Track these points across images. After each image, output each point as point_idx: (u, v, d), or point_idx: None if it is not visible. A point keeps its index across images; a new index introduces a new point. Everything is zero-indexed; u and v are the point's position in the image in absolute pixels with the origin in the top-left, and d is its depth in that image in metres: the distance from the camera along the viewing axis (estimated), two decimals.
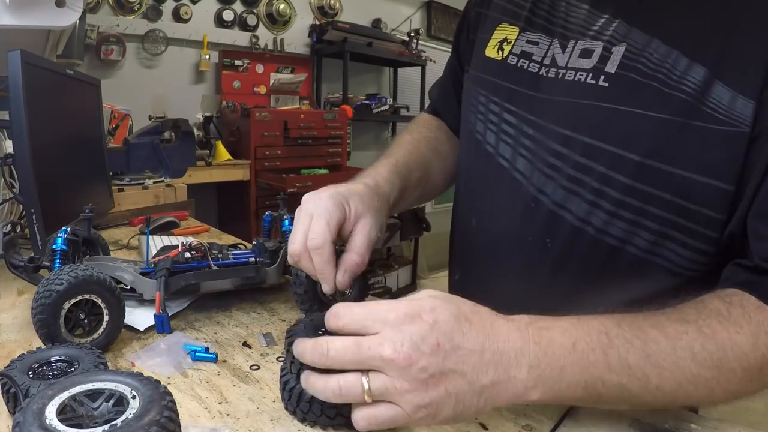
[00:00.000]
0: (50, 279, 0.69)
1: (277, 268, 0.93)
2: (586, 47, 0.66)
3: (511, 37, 0.76)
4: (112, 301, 0.73)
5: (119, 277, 0.86)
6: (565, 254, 0.68)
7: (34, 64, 0.98)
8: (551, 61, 0.70)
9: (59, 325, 0.68)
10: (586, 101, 0.64)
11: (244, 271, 0.89)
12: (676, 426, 0.60)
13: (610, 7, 0.65)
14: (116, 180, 1.94)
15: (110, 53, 3.06)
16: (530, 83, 0.71)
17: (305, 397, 0.57)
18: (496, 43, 0.77)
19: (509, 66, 0.74)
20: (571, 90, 0.66)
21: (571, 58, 0.67)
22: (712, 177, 0.56)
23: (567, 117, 0.66)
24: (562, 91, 0.67)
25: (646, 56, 0.60)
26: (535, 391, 0.47)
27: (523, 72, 0.72)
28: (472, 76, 0.83)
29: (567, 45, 0.69)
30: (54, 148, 1.11)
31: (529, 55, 0.73)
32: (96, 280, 0.71)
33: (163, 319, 0.79)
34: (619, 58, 0.62)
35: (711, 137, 0.55)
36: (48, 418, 0.43)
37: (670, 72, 0.58)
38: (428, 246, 5.26)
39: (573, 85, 0.66)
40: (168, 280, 0.84)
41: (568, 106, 0.66)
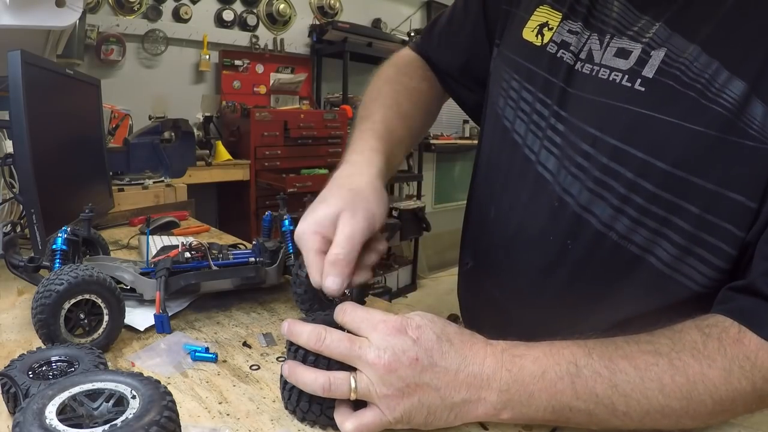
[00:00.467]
0: (50, 279, 0.69)
1: (277, 268, 0.93)
2: (623, 47, 0.63)
3: (552, 22, 0.71)
4: (112, 301, 0.73)
5: (119, 277, 0.86)
6: (585, 258, 0.66)
7: (34, 64, 0.98)
8: (587, 55, 0.67)
9: (59, 325, 0.68)
10: (618, 103, 0.62)
11: (244, 271, 0.89)
12: None
13: (652, 8, 0.62)
14: (116, 180, 1.94)
15: (110, 53, 3.06)
16: (565, 76, 0.68)
17: (305, 397, 0.57)
18: (535, 26, 0.73)
19: (548, 54, 0.70)
20: (605, 90, 0.63)
21: (606, 55, 0.65)
22: (739, 193, 0.55)
23: (598, 117, 0.64)
24: (594, 89, 0.65)
25: (686, 64, 0.58)
26: (505, 413, 0.50)
27: (561, 63, 0.69)
28: (505, 56, 0.78)
29: (604, 40, 0.66)
30: (54, 148, 1.11)
31: (567, 45, 0.69)
32: (96, 280, 0.71)
33: (163, 319, 0.79)
34: (658, 63, 0.60)
35: (742, 152, 0.54)
36: (48, 418, 0.43)
37: (709, 83, 0.56)
38: (428, 246, 5.26)
39: (607, 84, 0.63)
40: (168, 280, 0.84)
41: (600, 106, 0.64)
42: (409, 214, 4.35)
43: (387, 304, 1.01)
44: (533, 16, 0.74)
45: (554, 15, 0.72)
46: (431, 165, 5.31)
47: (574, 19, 0.70)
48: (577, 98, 0.67)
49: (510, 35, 0.78)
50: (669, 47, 0.59)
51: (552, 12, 0.72)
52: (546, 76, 0.70)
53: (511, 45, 0.77)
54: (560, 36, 0.70)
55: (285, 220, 0.95)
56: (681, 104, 0.57)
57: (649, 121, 0.59)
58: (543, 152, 0.70)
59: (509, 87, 0.75)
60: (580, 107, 0.66)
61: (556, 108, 0.69)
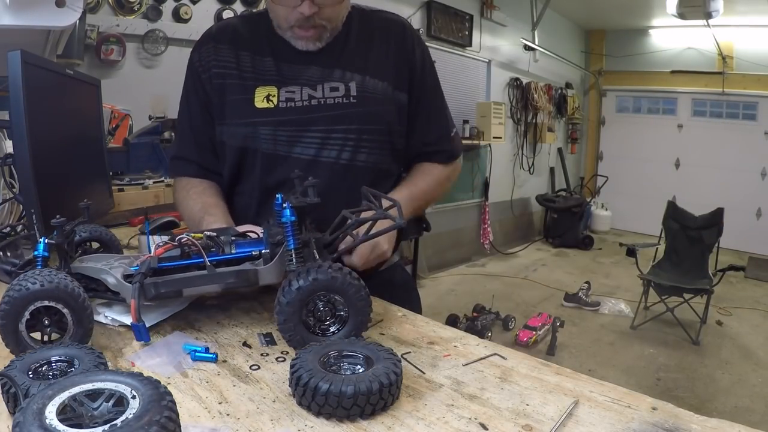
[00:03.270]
0: (11, 285, 0.68)
1: (275, 266, 0.83)
2: (333, 86, 1.16)
3: (272, 92, 1.15)
4: (76, 307, 0.71)
5: (103, 281, 0.83)
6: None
7: (34, 64, 0.98)
8: (309, 97, 1.15)
9: (20, 331, 0.67)
10: (344, 110, 1.15)
11: (224, 276, 0.82)
12: (676, 425, 0.60)
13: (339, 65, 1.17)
14: (116, 180, 1.94)
15: (110, 53, 3.06)
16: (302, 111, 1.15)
17: (321, 391, 0.59)
18: (262, 98, 1.15)
19: (280, 108, 1.15)
20: (334, 107, 1.15)
21: (324, 93, 1.15)
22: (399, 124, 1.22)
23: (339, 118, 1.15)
24: (327, 108, 1.15)
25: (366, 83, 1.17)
26: None
27: (294, 108, 1.15)
28: (249, 122, 1.16)
29: (317, 87, 1.15)
30: (54, 148, 1.11)
31: (292, 99, 1.15)
32: (57, 288, 0.69)
33: (140, 327, 0.75)
34: (355, 88, 1.16)
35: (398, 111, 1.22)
36: (48, 418, 0.43)
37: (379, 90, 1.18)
38: (428, 246, 5.26)
39: (334, 105, 1.15)
40: (144, 286, 0.78)
41: (337, 114, 1.15)
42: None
43: (386, 303, 1.01)
44: (256, 95, 1.15)
45: (271, 89, 1.15)
46: None
47: (287, 86, 1.15)
48: (321, 117, 1.15)
49: (241, 111, 1.16)
50: (355, 81, 1.16)
51: (269, 87, 1.15)
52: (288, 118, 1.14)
53: (248, 115, 1.15)
54: (284, 96, 1.15)
55: (285, 209, 0.79)
56: (374, 102, 1.17)
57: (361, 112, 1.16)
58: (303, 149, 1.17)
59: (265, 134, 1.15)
60: (327, 120, 1.15)
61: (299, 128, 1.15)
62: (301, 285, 0.73)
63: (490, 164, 6.11)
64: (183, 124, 1.30)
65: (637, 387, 2.21)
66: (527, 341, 3.61)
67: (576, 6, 6.72)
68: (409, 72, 1.21)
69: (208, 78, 1.18)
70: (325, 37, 1.12)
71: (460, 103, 5.65)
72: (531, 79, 6.66)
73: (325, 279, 0.74)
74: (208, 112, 1.20)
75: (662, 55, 7.24)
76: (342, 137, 1.15)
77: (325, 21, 1.09)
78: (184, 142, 1.28)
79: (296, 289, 0.73)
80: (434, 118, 1.27)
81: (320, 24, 1.09)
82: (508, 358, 0.77)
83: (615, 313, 4.40)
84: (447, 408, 0.64)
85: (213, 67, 1.18)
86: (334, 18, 1.11)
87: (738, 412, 2.93)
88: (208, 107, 1.20)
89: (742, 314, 4.50)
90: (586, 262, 6.20)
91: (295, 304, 0.73)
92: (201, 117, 1.22)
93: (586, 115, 8.09)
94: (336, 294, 0.76)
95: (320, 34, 1.11)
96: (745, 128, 6.89)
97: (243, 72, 1.17)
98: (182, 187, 1.25)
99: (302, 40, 1.11)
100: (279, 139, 1.15)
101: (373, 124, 1.17)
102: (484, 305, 4.08)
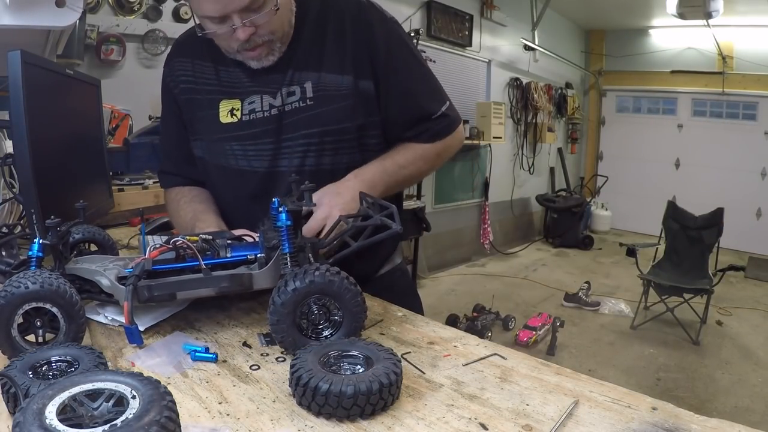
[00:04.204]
0: (3, 287, 0.68)
1: (270, 269, 0.83)
2: (290, 90, 1.10)
3: (235, 105, 1.12)
4: (64, 304, 0.70)
5: (98, 282, 0.82)
6: None
7: (34, 64, 0.98)
8: (269, 106, 1.11)
9: (11, 332, 0.67)
10: (305, 112, 1.10)
11: (218, 280, 0.81)
12: (676, 425, 0.60)
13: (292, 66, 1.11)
14: (116, 180, 1.94)
15: (110, 53, 3.06)
16: (266, 122, 1.11)
17: (321, 391, 0.59)
18: (226, 113, 1.13)
19: (244, 122, 1.13)
20: (297, 111, 1.10)
21: (285, 99, 1.10)
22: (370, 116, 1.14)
23: (307, 121, 1.10)
24: (288, 116, 1.11)
25: (323, 80, 1.10)
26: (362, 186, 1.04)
27: (257, 120, 1.12)
28: (218, 138, 1.15)
29: (276, 94, 1.10)
30: (54, 148, 1.11)
31: (255, 111, 1.12)
32: (41, 288, 0.68)
33: (133, 330, 0.74)
34: (311, 89, 1.10)
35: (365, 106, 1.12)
36: (48, 418, 0.43)
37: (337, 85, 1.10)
38: (428, 246, 5.26)
39: (295, 108, 1.10)
40: (137, 289, 0.77)
41: (304, 117, 1.10)
42: (409, 214, 4.35)
43: (386, 303, 1.01)
44: (221, 109, 1.13)
45: (235, 102, 1.13)
46: None
47: (249, 96, 1.12)
48: (283, 126, 1.11)
49: (208, 126, 1.15)
50: (311, 80, 1.10)
51: (232, 101, 1.13)
52: (254, 131, 1.12)
53: (216, 131, 1.14)
54: (247, 109, 1.12)
55: (281, 213, 0.80)
56: (332, 100, 1.10)
57: (319, 113, 1.10)
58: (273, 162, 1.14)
59: (234, 149, 1.14)
60: (288, 128, 1.12)
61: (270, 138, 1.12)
62: (297, 286, 0.73)
63: (490, 164, 6.11)
64: (164, 140, 1.30)
65: (637, 387, 2.21)
66: (527, 341, 3.61)
67: (576, 6, 6.72)
68: (371, 57, 1.09)
69: (179, 92, 1.17)
70: (276, 48, 1.06)
71: (460, 103, 5.64)
72: (531, 79, 6.66)
73: (322, 282, 0.73)
74: (184, 126, 1.20)
75: (662, 55, 7.25)
76: (304, 143, 1.10)
77: (268, 35, 1.02)
78: (168, 156, 1.28)
79: (292, 290, 0.73)
80: (409, 101, 1.14)
81: (264, 40, 1.02)
82: (508, 358, 0.77)
83: (615, 313, 4.40)
84: (447, 408, 0.64)
85: (181, 82, 1.16)
86: (278, 28, 1.03)
87: (738, 412, 2.93)
88: (183, 120, 1.20)
89: (742, 314, 4.50)
90: (586, 262, 6.20)
91: (290, 305, 0.73)
92: (178, 131, 1.21)
93: (586, 115, 8.09)
94: (332, 298, 0.75)
95: (269, 48, 1.05)
96: (745, 128, 6.89)
97: (206, 85, 1.14)
98: (172, 198, 1.25)
99: (254, 60, 1.06)
100: (248, 153, 1.13)
101: (335, 123, 1.10)
102: (484, 305, 4.08)
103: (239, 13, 0.95)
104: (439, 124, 1.17)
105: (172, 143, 1.26)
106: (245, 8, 0.95)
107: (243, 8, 0.95)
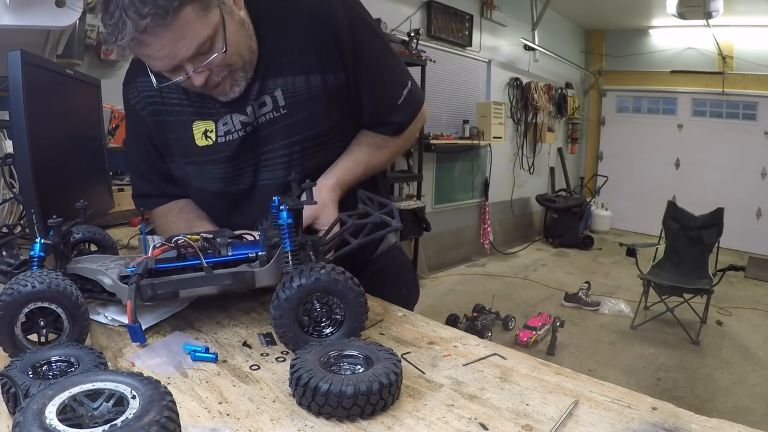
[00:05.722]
0: (5, 287, 0.68)
1: (272, 267, 0.83)
2: (261, 101, 1.06)
3: (209, 127, 1.08)
4: (69, 306, 0.71)
5: (100, 281, 0.82)
6: None
7: (34, 64, 0.98)
8: (242, 125, 1.07)
9: (14, 332, 0.67)
10: (278, 124, 1.07)
11: (221, 278, 0.82)
12: (676, 425, 0.60)
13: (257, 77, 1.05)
14: (116, 180, 1.94)
15: (110, 53, 3.06)
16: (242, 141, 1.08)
17: (321, 391, 0.59)
18: (201, 136, 1.09)
19: (223, 143, 1.08)
20: (273, 122, 1.07)
21: (257, 111, 1.06)
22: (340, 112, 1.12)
23: (282, 133, 1.08)
24: (263, 128, 1.08)
25: (291, 86, 1.06)
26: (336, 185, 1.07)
27: (232, 141, 1.08)
28: (195, 161, 1.11)
29: (246, 109, 1.06)
30: (54, 148, 1.11)
31: (230, 132, 1.08)
32: (48, 288, 0.69)
33: (136, 329, 0.74)
34: (281, 97, 1.06)
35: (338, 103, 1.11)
36: (48, 418, 0.43)
37: (308, 86, 1.06)
38: (428, 246, 5.26)
39: (269, 120, 1.07)
40: (140, 288, 0.78)
41: (282, 127, 1.08)
42: (409, 214, 4.35)
43: (386, 303, 1.01)
44: (195, 131, 1.08)
45: (207, 123, 1.08)
46: (431, 165, 5.32)
47: (221, 117, 1.07)
48: (260, 140, 1.08)
49: (185, 149, 1.11)
50: (280, 87, 1.06)
51: (204, 122, 1.08)
52: (230, 154, 1.08)
53: (191, 153, 1.10)
54: (221, 130, 1.08)
55: (282, 211, 0.80)
56: (306, 103, 1.07)
57: (296, 120, 1.07)
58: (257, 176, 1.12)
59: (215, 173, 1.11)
60: (265, 141, 1.09)
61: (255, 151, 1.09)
62: (302, 283, 0.73)
63: (490, 164, 6.11)
64: (137, 163, 1.21)
65: (637, 387, 2.21)
66: (527, 341, 3.61)
67: (576, 6, 6.72)
68: (339, 48, 1.05)
69: (148, 114, 1.11)
70: (240, 77, 1.01)
71: (460, 103, 5.65)
72: (531, 79, 6.66)
73: (327, 280, 0.74)
74: (155, 147, 1.15)
75: (662, 55, 7.25)
76: (285, 153, 1.08)
77: (225, 70, 0.97)
78: (143, 178, 1.21)
79: (297, 286, 0.73)
80: (377, 89, 1.12)
81: (224, 76, 0.98)
82: (508, 358, 0.77)
83: (615, 313, 4.40)
84: (447, 408, 0.64)
85: (148, 104, 1.10)
86: (235, 61, 0.98)
87: (738, 412, 2.93)
88: (154, 142, 1.14)
89: (742, 314, 4.50)
90: (586, 262, 6.20)
91: (294, 301, 0.74)
92: (151, 153, 1.15)
93: (586, 115, 8.09)
94: (335, 296, 0.76)
95: (232, 80, 1.00)
96: (745, 128, 6.89)
97: (176, 106, 1.08)
98: (159, 215, 1.20)
99: (220, 95, 1.02)
100: (227, 176, 1.09)
101: (312, 128, 1.07)
102: (484, 305, 4.08)
103: (188, 62, 0.91)
104: (402, 113, 1.15)
105: (146, 166, 1.19)
106: (192, 57, 0.90)
107: (189, 58, 0.90)
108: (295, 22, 1.05)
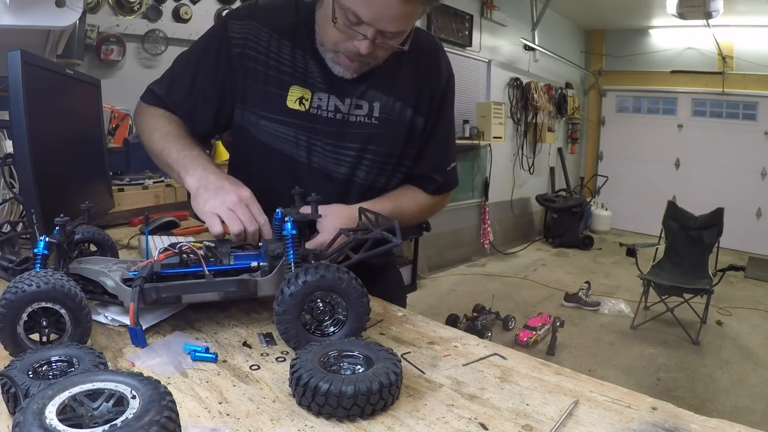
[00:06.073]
0: (8, 286, 0.68)
1: (274, 277, 0.84)
2: (358, 104, 1.15)
3: (305, 95, 1.13)
4: (73, 307, 0.70)
5: (102, 283, 0.82)
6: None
7: (34, 64, 0.98)
8: (335, 108, 1.14)
9: (17, 332, 0.67)
10: (364, 131, 1.16)
11: (225, 285, 0.82)
12: (676, 425, 0.60)
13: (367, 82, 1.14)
14: (116, 180, 1.94)
15: (110, 53, 3.06)
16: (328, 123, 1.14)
17: (321, 391, 0.59)
18: (295, 100, 1.13)
19: (311, 114, 1.14)
20: (356, 125, 1.16)
21: (350, 110, 1.15)
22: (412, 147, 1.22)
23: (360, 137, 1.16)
24: (350, 126, 1.16)
25: (389, 107, 1.17)
26: None
27: (322, 117, 1.14)
28: (276, 119, 1.14)
29: (344, 100, 1.14)
30: (54, 148, 1.11)
31: (321, 107, 1.14)
32: (52, 288, 0.68)
33: (137, 331, 0.75)
34: (378, 109, 1.16)
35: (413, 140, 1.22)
36: (48, 418, 0.43)
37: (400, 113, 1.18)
38: (428, 246, 5.25)
39: (356, 123, 1.16)
40: (144, 291, 0.78)
41: (358, 133, 1.16)
42: None
43: (386, 303, 1.01)
44: (290, 93, 1.13)
45: (304, 91, 1.13)
46: None
47: (319, 91, 1.13)
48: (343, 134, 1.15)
49: (271, 105, 1.14)
50: (380, 101, 1.16)
51: (301, 89, 1.13)
52: (318, 126, 1.14)
53: (278, 111, 1.14)
54: (316, 102, 1.14)
55: (287, 222, 0.83)
56: (393, 126, 1.18)
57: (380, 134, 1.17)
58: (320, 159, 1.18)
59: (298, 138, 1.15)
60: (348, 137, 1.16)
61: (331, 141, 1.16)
62: (308, 279, 0.74)
63: (490, 164, 6.11)
64: (180, 71, 1.19)
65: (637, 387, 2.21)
66: (527, 341, 3.61)
67: (576, 6, 6.72)
68: (431, 98, 1.20)
69: (241, 55, 1.11)
70: (364, 70, 1.09)
71: (460, 103, 5.63)
72: (531, 79, 6.66)
73: (332, 278, 0.75)
74: (220, 81, 1.13)
75: (662, 55, 7.25)
76: (356, 155, 1.16)
77: (375, 60, 1.07)
78: (171, 81, 1.19)
79: (302, 282, 0.74)
80: (440, 146, 1.25)
81: (369, 61, 1.06)
82: (508, 358, 0.77)
83: (615, 313, 4.40)
84: (447, 408, 0.64)
85: (249, 47, 1.11)
86: (382, 57, 1.08)
87: (738, 412, 2.93)
88: (225, 79, 1.13)
89: (742, 314, 4.51)
90: (586, 262, 6.20)
91: (298, 297, 0.74)
92: (206, 80, 1.14)
93: (586, 115, 8.09)
94: (339, 295, 0.76)
95: (362, 68, 1.08)
96: (745, 128, 6.89)
97: (279, 64, 1.11)
98: (151, 114, 1.19)
99: (342, 67, 1.07)
100: (300, 143, 1.14)
101: (388, 147, 1.18)
102: (484, 305, 4.08)
103: (379, 31, 0.97)
104: (446, 179, 1.28)
105: (186, 76, 1.17)
106: (392, 33, 0.99)
107: (386, 30, 0.98)
108: (415, 53, 1.12)
